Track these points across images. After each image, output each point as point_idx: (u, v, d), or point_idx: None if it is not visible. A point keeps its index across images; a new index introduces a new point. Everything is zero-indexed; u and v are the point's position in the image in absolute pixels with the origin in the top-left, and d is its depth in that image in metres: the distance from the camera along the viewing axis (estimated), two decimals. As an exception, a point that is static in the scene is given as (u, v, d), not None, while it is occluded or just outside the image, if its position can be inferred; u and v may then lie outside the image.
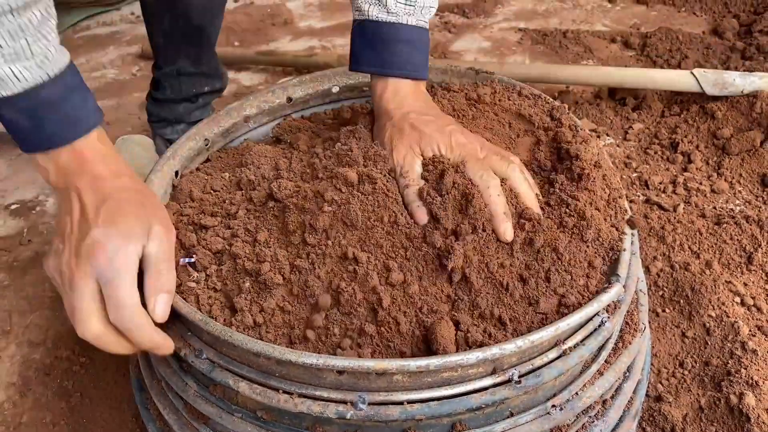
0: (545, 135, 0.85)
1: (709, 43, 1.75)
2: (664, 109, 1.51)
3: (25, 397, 1.00)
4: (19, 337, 1.09)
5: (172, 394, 0.75)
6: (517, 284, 0.70)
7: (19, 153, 1.47)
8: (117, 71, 1.78)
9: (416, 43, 0.83)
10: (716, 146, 1.37)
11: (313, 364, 0.60)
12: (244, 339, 0.62)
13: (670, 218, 1.20)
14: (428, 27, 0.86)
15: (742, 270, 1.10)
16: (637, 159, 1.40)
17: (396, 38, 0.82)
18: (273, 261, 0.69)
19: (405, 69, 0.83)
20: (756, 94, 1.37)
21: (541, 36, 1.90)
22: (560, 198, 0.76)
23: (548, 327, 0.64)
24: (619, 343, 0.75)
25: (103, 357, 1.05)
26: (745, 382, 0.91)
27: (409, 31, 0.83)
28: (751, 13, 1.91)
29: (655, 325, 1.02)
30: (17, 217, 1.33)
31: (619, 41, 1.85)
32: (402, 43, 0.82)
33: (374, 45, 0.83)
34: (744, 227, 1.16)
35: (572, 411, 0.69)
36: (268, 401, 0.64)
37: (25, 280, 1.19)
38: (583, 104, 1.55)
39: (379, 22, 0.82)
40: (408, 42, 0.83)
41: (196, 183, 0.84)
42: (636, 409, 0.79)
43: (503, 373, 0.64)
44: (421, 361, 0.60)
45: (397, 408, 0.62)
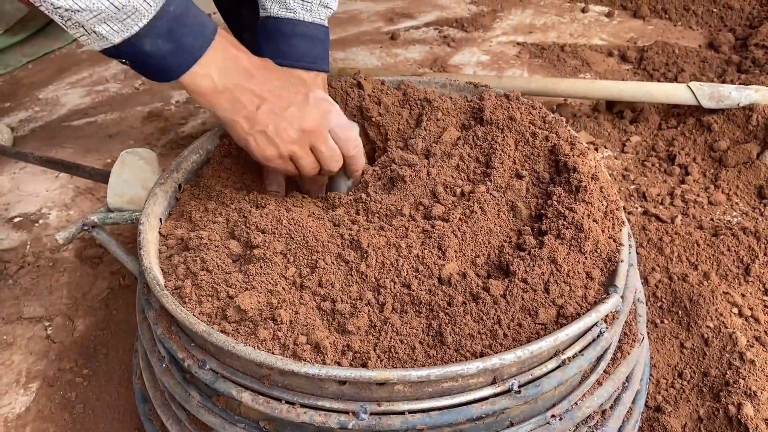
0: (542, 146, 0.86)
1: (705, 57, 1.76)
2: (661, 122, 1.52)
3: (28, 408, 1.00)
4: (23, 349, 1.10)
5: (175, 404, 0.75)
6: (516, 294, 0.71)
7: (22, 167, 1.48)
8: (120, 85, 1.80)
9: (313, 38, 0.90)
10: (713, 158, 1.39)
11: (315, 374, 0.61)
12: (247, 350, 0.63)
13: (667, 230, 1.21)
14: (326, 24, 0.93)
15: (740, 281, 1.11)
16: (634, 171, 1.41)
17: (293, 33, 0.89)
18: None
19: (302, 60, 0.89)
20: (752, 107, 1.38)
21: (539, 50, 1.92)
22: (558, 210, 0.77)
23: (547, 337, 0.64)
24: (618, 354, 0.76)
25: (107, 369, 1.06)
26: (744, 393, 0.91)
27: (305, 27, 0.90)
28: (746, 26, 1.93)
29: (654, 336, 1.03)
30: (20, 230, 1.34)
31: (617, 55, 1.87)
32: (298, 37, 0.89)
33: (275, 39, 0.90)
34: (741, 239, 1.16)
35: (572, 421, 0.69)
36: (271, 411, 0.64)
37: (28, 293, 1.20)
38: (581, 117, 1.57)
39: (279, 18, 0.89)
40: (304, 36, 0.89)
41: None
42: (635, 419, 0.80)
43: (503, 382, 0.65)
44: (422, 371, 0.61)
45: (398, 418, 0.63)
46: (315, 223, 0.79)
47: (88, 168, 1.15)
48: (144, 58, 0.69)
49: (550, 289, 0.71)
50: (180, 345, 0.70)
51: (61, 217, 1.36)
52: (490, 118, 0.90)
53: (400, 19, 2.12)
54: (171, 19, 0.68)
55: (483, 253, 0.77)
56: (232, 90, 0.75)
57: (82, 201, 1.40)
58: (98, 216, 0.92)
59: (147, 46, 0.68)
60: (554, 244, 0.74)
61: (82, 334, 1.12)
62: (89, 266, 1.24)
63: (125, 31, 0.67)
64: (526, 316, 0.70)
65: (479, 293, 0.71)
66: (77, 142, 1.58)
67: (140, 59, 0.69)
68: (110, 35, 0.67)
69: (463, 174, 0.86)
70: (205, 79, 0.73)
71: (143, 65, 0.70)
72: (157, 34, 0.68)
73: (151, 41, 0.68)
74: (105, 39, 0.67)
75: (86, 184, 1.43)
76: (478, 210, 0.79)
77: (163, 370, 0.74)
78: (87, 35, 0.67)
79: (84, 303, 1.17)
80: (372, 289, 0.72)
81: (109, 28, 0.66)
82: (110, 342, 1.10)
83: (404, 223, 0.79)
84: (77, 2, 0.64)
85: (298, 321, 0.68)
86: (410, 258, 0.74)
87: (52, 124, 1.66)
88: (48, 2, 0.64)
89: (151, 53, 0.68)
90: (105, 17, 0.65)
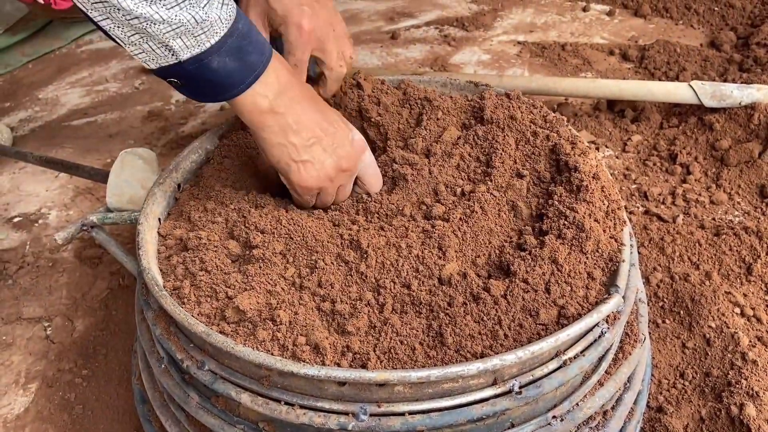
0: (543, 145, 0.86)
1: (706, 56, 1.76)
2: (663, 121, 1.51)
3: (27, 409, 1.00)
4: (22, 349, 1.10)
5: (174, 405, 0.75)
6: (518, 295, 0.70)
7: (22, 167, 1.48)
8: (120, 85, 1.79)
9: None
10: (715, 158, 1.38)
11: (314, 375, 0.61)
12: (246, 351, 0.63)
13: (669, 229, 1.20)
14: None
15: (742, 281, 1.11)
16: (636, 170, 1.40)
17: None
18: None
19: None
20: (754, 106, 1.37)
21: (540, 49, 1.92)
22: (559, 210, 0.77)
23: (548, 338, 0.64)
24: (620, 354, 0.76)
25: (106, 369, 1.05)
26: (746, 393, 0.91)
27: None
28: (748, 25, 1.92)
29: (656, 336, 1.02)
30: (20, 230, 1.33)
31: (618, 54, 1.87)
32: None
33: None
34: (743, 238, 1.16)
35: (573, 422, 0.69)
36: (270, 413, 0.64)
37: (27, 293, 1.19)
38: (582, 116, 1.56)
39: None
40: None
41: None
42: (637, 420, 0.80)
43: (504, 383, 0.64)
44: (422, 372, 0.60)
45: (398, 419, 0.62)
46: (314, 223, 0.79)
47: (87, 168, 1.15)
48: (207, 75, 0.67)
49: (551, 290, 0.71)
50: (179, 346, 0.70)
51: (61, 217, 1.36)
52: (491, 117, 0.89)
53: (400, 18, 2.11)
54: (240, 36, 0.67)
55: (483, 253, 0.77)
56: (284, 114, 0.74)
57: (82, 201, 1.40)
58: (97, 216, 0.92)
59: (214, 63, 0.66)
60: (555, 243, 0.73)
61: (81, 335, 1.12)
62: (89, 266, 1.23)
63: (196, 46, 0.65)
64: (526, 316, 0.69)
65: (480, 293, 0.71)
66: (77, 142, 1.58)
67: (201, 77, 0.68)
68: (181, 51, 0.64)
69: (463, 173, 0.86)
70: (263, 99, 0.72)
71: (202, 83, 0.68)
72: (227, 50, 0.66)
73: (219, 58, 0.66)
74: (174, 55, 0.65)
75: (86, 184, 1.43)
76: (479, 210, 0.79)
77: (162, 371, 0.74)
78: (152, 51, 0.65)
79: (83, 303, 1.17)
80: (372, 290, 0.72)
81: (181, 43, 0.64)
82: (109, 342, 1.10)
83: (404, 223, 0.79)
84: (159, 12, 0.61)
85: (297, 322, 0.67)
86: (410, 258, 0.74)
87: (51, 124, 1.66)
88: (122, 9, 0.61)
89: (216, 70, 0.67)
90: (182, 31, 0.63)
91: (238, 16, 0.68)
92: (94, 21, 0.64)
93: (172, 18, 0.62)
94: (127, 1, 0.60)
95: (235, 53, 0.67)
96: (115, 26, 0.63)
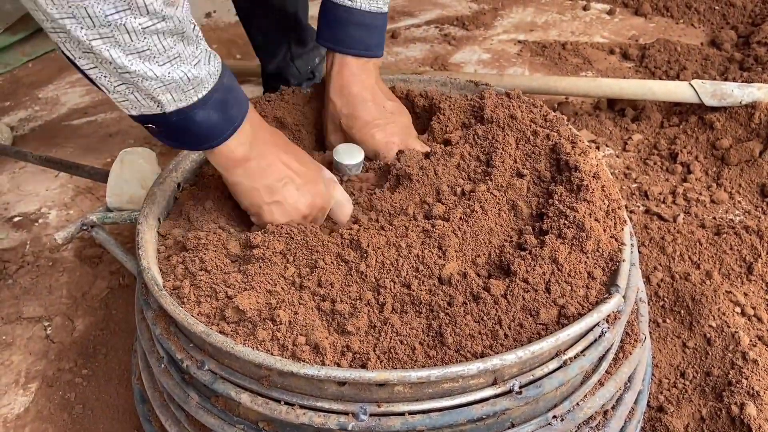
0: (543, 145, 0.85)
1: (707, 55, 1.76)
2: (663, 120, 1.51)
3: (27, 409, 1.00)
4: (22, 349, 1.10)
5: (174, 405, 0.75)
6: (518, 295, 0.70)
7: (22, 166, 1.48)
8: (119, 84, 1.80)
9: (369, 26, 0.93)
10: (715, 157, 1.38)
11: (314, 375, 0.61)
12: (246, 350, 0.63)
13: (670, 229, 1.20)
14: (385, 10, 0.95)
15: (742, 280, 1.11)
16: (636, 170, 1.40)
17: (349, 21, 0.92)
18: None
19: (355, 48, 0.94)
20: (754, 105, 1.37)
21: (541, 48, 1.92)
22: (559, 209, 0.77)
23: (548, 337, 0.64)
24: (620, 354, 0.75)
25: (106, 369, 1.05)
26: (746, 392, 0.91)
27: (362, 16, 0.92)
28: (749, 24, 1.92)
29: (656, 336, 1.02)
30: (20, 230, 1.33)
31: (618, 53, 1.86)
32: (354, 26, 0.93)
33: (331, 24, 0.93)
34: (744, 237, 1.16)
35: (573, 422, 0.69)
36: (270, 413, 0.64)
37: (27, 293, 1.19)
38: (582, 115, 1.56)
39: (337, 5, 0.92)
40: (359, 25, 0.92)
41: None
42: (637, 419, 0.79)
43: (504, 383, 0.64)
44: (422, 372, 0.60)
45: (398, 419, 0.62)
46: (314, 222, 0.79)
47: (87, 167, 1.15)
48: (190, 126, 0.69)
49: (552, 289, 0.71)
50: (179, 345, 0.70)
51: (61, 217, 1.36)
52: (491, 116, 0.89)
53: (400, 17, 2.11)
54: (224, 91, 0.70)
55: (483, 252, 0.77)
56: (257, 159, 0.76)
57: (82, 200, 1.40)
58: (97, 215, 0.92)
59: (198, 116, 0.68)
60: (555, 243, 0.73)
61: (81, 334, 1.12)
62: (89, 266, 1.23)
63: (183, 101, 0.67)
64: (527, 316, 0.69)
65: (480, 293, 0.71)
66: (77, 142, 1.58)
67: (182, 128, 0.69)
68: (168, 104, 0.66)
69: (463, 173, 0.85)
70: (240, 148, 0.74)
71: (182, 133, 0.70)
72: (212, 104, 0.69)
73: (204, 111, 0.68)
74: (159, 107, 0.66)
75: (86, 184, 1.43)
76: (479, 209, 0.78)
77: (162, 370, 0.74)
78: (135, 101, 0.66)
79: (83, 303, 1.17)
80: (372, 289, 0.72)
81: (170, 97, 0.65)
82: (110, 342, 1.10)
83: (404, 223, 0.79)
84: (153, 69, 0.63)
85: (297, 321, 0.67)
86: (410, 258, 0.74)
87: (51, 124, 1.66)
88: (115, 64, 0.61)
89: (200, 123, 0.69)
90: (172, 87, 0.65)
91: (223, 70, 0.70)
92: (80, 68, 0.64)
93: (164, 75, 0.64)
94: (122, 58, 0.61)
95: (219, 106, 0.70)
96: (102, 76, 0.64)
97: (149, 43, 0.61)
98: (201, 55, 0.67)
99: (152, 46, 0.62)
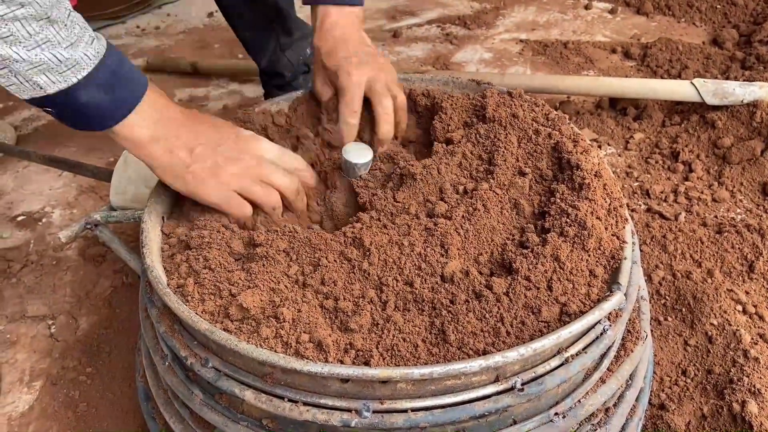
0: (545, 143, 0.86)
1: (709, 53, 1.76)
2: (665, 119, 1.52)
3: (32, 407, 1.01)
4: (27, 347, 1.10)
5: (178, 403, 0.75)
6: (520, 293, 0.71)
7: (26, 165, 1.49)
8: (122, 84, 1.80)
9: None
10: (717, 155, 1.38)
11: (317, 372, 0.61)
12: (250, 348, 0.63)
13: (671, 227, 1.20)
14: None
15: (744, 278, 1.11)
16: (638, 168, 1.40)
17: None
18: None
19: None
20: (756, 104, 1.37)
21: (542, 47, 1.92)
22: (561, 207, 0.77)
23: (550, 335, 0.64)
24: (621, 351, 0.76)
25: (110, 367, 1.06)
26: (748, 390, 0.91)
27: None
28: (750, 23, 1.92)
29: (658, 334, 1.02)
30: (24, 229, 1.34)
31: (620, 52, 1.87)
32: None
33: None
34: (745, 236, 1.16)
35: (575, 419, 0.69)
36: (274, 410, 0.64)
37: (31, 291, 1.20)
38: (584, 114, 1.56)
39: None
40: None
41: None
42: (639, 417, 0.80)
43: (506, 380, 0.64)
44: (424, 369, 0.61)
45: (401, 416, 0.63)
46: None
47: (90, 166, 1.15)
48: (78, 107, 0.71)
49: (553, 287, 0.71)
50: (183, 343, 0.70)
51: (65, 216, 1.37)
52: (493, 115, 0.90)
53: (402, 16, 2.12)
54: (108, 72, 0.71)
55: (486, 250, 0.77)
56: (166, 137, 0.76)
57: (86, 199, 1.41)
58: (101, 214, 0.92)
59: (83, 97, 0.70)
60: (557, 241, 0.73)
61: (85, 333, 1.12)
62: (92, 265, 1.24)
63: (63, 82, 0.68)
64: (529, 313, 0.69)
65: (482, 291, 0.71)
66: (80, 141, 1.59)
67: (72, 109, 0.71)
68: (47, 86, 0.68)
69: (465, 172, 0.86)
70: (141, 129, 0.75)
71: (74, 115, 0.72)
72: (95, 86, 0.70)
73: (87, 92, 0.70)
74: (40, 89, 0.68)
75: (89, 183, 1.43)
76: (481, 207, 0.79)
77: (166, 368, 0.74)
78: (19, 84, 0.68)
79: (87, 301, 1.17)
80: (374, 287, 0.72)
81: (47, 78, 0.67)
82: (113, 340, 1.10)
83: (407, 221, 0.79)
84: (18, 53, 0.65)
85: (300, 319, 0.67)
86: (413, 256, 0.74)
87: (55, 123, 1.66)
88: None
89: (86, 104, 0.70)
90: (44, 69, 0.67)
91: (108, 53, 0.72)
92: None
93: (32, 58, 0.66)
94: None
95: (103, 88, 0.71)
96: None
97: (11, 29, 0.64)
98: (76, 38, 0.68)
99: (15, 32, 0.64)
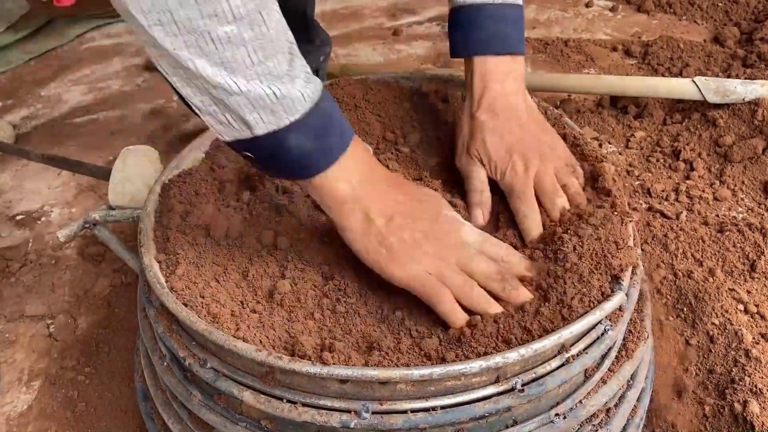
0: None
1: (710, 51, 1.75)
2: (666, 117, 1.51)
3: (30, 406, 1.00)
4: (25, 347, 1.10)
5: (177, 403, 0.75)
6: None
7: (24, 164, 1.48)
8: (122, 82, 1.79)
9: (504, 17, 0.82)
10: (718, 154, 1.38)
11: (316, 373, 0.61)
12: (248, 348, 0.63)
13: (672, 226, 1.20)
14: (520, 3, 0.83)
15: (746, 278, 1.10)
16: (639, 167, 1.40)
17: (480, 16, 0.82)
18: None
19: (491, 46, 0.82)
20: (758, 102, 1.37)
21: (543, 45, 1.91)
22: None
23: (551, 335, 0.64)
24: (623, 351, 0.75)
25: (109, 367, 1.06)
26: (749, 390, 0.91)
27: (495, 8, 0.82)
28: (752, 21, 1.91)
29: (659, 333, 1.02)
30: (22, 228, 1.34)
31: (621, 50, 1.86)
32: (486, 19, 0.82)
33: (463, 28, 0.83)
34: (747, 235, 1.16)
35: (576, 419, 0.69)
36: (272, 410, 0.64)
37: (30, 291, 1.20)
38: (584, 112, 1.56)
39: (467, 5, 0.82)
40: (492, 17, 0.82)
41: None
42: (640, 417, 0.79)
43: (506, 381, 0.64)
44: (424, 370, 0.60)
45: (400, 417, 0.62)
46: (320, 220, 0.78)
47: (89, 165, 1.15)
48: (283, 153, 0.64)
49: (554, 287, 0.71)
50: (181, 343, 0.70)
51: (63, 215, 1.36)
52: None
53: (402, 14, 2.11)
54: (322, 116, 0.64)
55: (486, 250, 0.76)
56: (366, 201, 0.68)
57: (84, 198, 1.40)
58: (100, 214, 0.92)
59: (292, 141, 0.63)
60: (557, 241, 0.73)
61: (84, 332, 1.12)
62: (91, 264, 1.24)
63: (274, 123, 0.62)
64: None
65: (482, 291, 0.71)
66: (79, 140, 1.58)
67: (277, 154, 0.64)
68: (256, 125, 0.62)
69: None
70: (342, 185, 0.67)
71: (277, 160, 0.65)
72: (306, 130, 0.63)
73: (297, 137, 0.63)
74: (248, 129, 0.62)
75: (88, 182, 1.43)
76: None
77: (165, 368, 0.74)
78: (228, 124, 0.63)
79: (86, 301, 1.17)
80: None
81: (258, 117, 0.61)
82: (112, 340, 1.10)
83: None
84: (238, 83, 0.59)
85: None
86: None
87: (54, 122, 1.66)
88: (201, 78, 0.59)
89: (293, 149, 0.63)
90: (260, 105, 0.60)
91: (323, 95, 0.65)
92: (175, 88, 0.62)
93: (250, 90, 0.59)
94: (207, 69, 0.58)
95: (314, 133, 0.64)
96: (194, 95, 0.62)
97: (236, 54, 0.58)
98: (296, 74, 0.62)
99: (239, 58, 0.58)
